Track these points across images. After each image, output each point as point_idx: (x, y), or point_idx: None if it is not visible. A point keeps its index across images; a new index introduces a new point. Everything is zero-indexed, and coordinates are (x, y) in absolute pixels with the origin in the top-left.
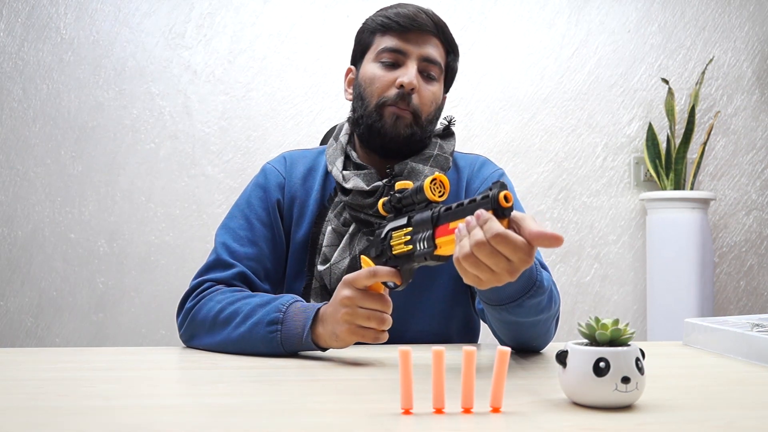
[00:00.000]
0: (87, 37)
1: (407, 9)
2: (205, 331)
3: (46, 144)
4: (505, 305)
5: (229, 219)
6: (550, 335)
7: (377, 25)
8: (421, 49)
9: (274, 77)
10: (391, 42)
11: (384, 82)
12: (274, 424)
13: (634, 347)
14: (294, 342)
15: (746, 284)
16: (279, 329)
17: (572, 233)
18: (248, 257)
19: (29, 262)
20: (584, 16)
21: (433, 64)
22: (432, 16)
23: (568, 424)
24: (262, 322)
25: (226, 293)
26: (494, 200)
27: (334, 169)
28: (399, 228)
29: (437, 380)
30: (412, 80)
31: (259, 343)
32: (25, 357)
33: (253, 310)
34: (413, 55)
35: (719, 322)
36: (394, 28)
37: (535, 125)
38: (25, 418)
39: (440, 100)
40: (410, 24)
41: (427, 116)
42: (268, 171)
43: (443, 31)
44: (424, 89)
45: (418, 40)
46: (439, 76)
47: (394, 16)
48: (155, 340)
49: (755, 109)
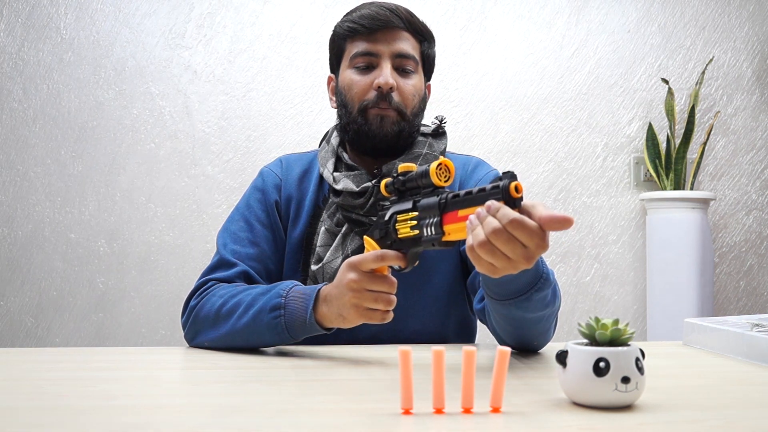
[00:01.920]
0: (87, 37)
1: (370, 9)
2: (210, 326)
3: (46, 144)
4: (514, 299)
5: (229, 222)
6: (551, 333)
7: (345, 31)
8: (391, 46)
9: (274, 77)
10: (360, 46)
11: (362, 87)
12: (274, 424)
13: (634, 347)
14: (298, 325)
15: (746, 284)
16: (282, 314)
17: (572, 233)
18: (250, 258)
19: (29, 262)
20: (584, 16)
21: (407, 58)
22: (397, 11)
23: (568, 424)
24: (264, 309)
25: (228, 288)
26: (505, 191)
27: (326, 171)
28: (404, 212)
29: (437, 380)
30: (387, 80)
31: (264, 331)
32: (25, 357)
33: (254, 299)
34: (385, 55)
35: (719, 322)
36: (361, 31)
37: (535, 125)
38: (25, 418)
39: (422, 91)
40: (376, 24)
41: (412, 110)
42: (265, 174)
43: (410, 22)
44: (403, 84)
45: (387, 38)
46: (417, 67)
47: (358, 19)
48: (155, 340)
49: (755, 109)
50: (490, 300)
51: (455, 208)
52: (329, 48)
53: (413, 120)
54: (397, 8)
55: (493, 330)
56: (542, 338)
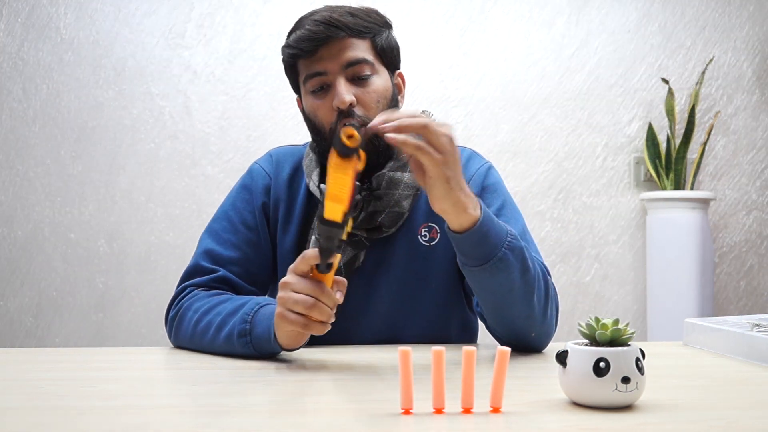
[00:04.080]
0: (87, 37)
1: (305, 29)
2: (188, 341)
3: (46, 144)
4: (483, 265)
5: (213, 221)
6: (547, 325)
7: (288, 56)
8: (338, 59)
9: (274, 77)
10: (308, 69)
11: (324, 112)
12: (274, 424)
13: (634, 347)
14: (266, 348)
15: (746, 284)
16: (249, 341)
17: (572, 233)
18: (231, 261)
19: (29, 262)
20: (584, 16)
21: (360, 63)
22: (332, 20)
23: (568, 424)
24: (233, 335)
25: (202, 299)
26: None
27: (311, 183)
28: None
29: (437, 380)
30: (343, 99)
31: (240, 352)
32: (25, 357)
33: (224, 320)
34: (335, 70)
35: (719, 322)
36: (304, 55)
37: (535, 125)
38: (25, 418)
39: (390, 90)
40: (315, 45)
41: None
42: (254, 172)
43: (352, 26)
44: (363, 94)
45: (332, 52)
46: (374, 68)
47: (295, 43)
48: (155, 340)
49: (755, 109)
50: (467, 271)
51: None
52: (285, 72)
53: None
54: (331, 17)
55: (489, 327)
56: (536, 327)
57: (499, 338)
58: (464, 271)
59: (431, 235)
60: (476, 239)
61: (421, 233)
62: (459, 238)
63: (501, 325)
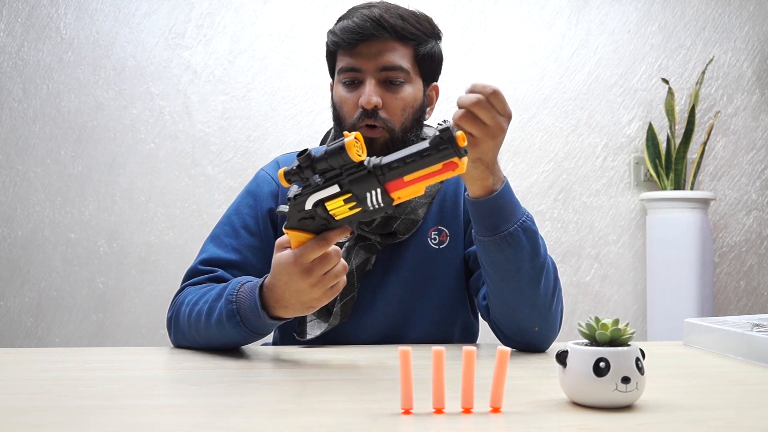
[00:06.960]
0: (87, 37)
1: (353, 20)
2: (187, 334)
3: (46, 144)
4: (494, 236)
5: (216, 226)
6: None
7: (331, 43)
8: (376, 60)
9: (274, 77)
10: (344, 61)
11: (349, 106)
12: (274, 424)
13: (634, 347)
14: (259, 325)
15: (746, 284)
16: (239, 321)
17: (572, 233)
18: (230, 263)
19: (29, 262)
20: (584, 16)
21: (395, 70)
22: (382, 19)
23: (568, 424)
24: (223, 320)
25: (193, 293)
26: (452, 142)
27: None
28: (332, 197)
29: (437, 380)
30: (369, 100)
31: (235, 337)
32: (25, 357)
33: (211, 306)
34: (369, 71)
35: (719, 322)
36: (344, 46)
37: (535, 125)
38: (25, 418)
39: (419, 100)
40: (357, 38)
41: (402, 125)
42: (261, 178)
43: (399, 29)
44: (390, 100)
45: (371, 52)
46: (409, 77)
47: (340, 31)
48: (155, 340)
49: (755, 109)
50: (478, 242)
51: (399, 175)
52: (325, 56)
53: (404, 136)
54: (382, 16)
55: (492, 321)
56: (536, 316)
57: (502, 333)
58: (476, 243)
59: (441, 238)
60: (493, 207)
61: (431, 236)
62: (476, 203)
63: (505, 315)
